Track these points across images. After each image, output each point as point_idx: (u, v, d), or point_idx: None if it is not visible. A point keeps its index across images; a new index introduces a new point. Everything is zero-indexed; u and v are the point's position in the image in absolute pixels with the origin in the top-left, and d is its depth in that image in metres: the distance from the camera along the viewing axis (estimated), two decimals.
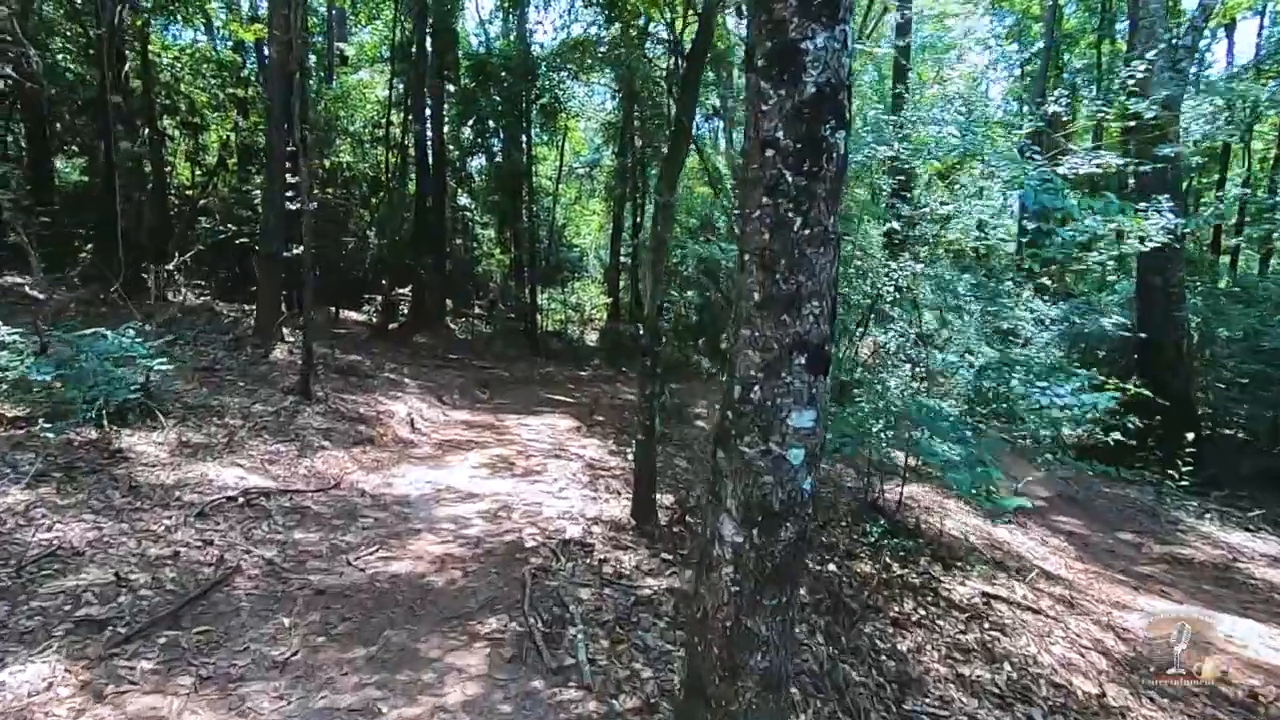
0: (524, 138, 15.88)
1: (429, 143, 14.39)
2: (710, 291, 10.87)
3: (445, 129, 14.99)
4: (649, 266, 4.18)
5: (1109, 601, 4.64)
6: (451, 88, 14.91)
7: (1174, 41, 9.06)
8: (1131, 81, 4.28)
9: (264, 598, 2.93)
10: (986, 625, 3.82)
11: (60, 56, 11.71)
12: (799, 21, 1.57)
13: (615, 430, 7.83)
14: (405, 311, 14.52)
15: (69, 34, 11.38)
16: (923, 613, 3.83)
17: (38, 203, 11.90)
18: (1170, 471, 6.13)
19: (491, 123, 15.88)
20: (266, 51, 9.57)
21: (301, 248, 6.42)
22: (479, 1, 21.44)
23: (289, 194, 7.01)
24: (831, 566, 4.17)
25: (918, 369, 4.09)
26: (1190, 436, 6.12)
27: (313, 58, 15.55)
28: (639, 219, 18.39)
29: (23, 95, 10.79)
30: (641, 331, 5.33)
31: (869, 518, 5.05)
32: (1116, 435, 3.56)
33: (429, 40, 14.17)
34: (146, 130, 12.23)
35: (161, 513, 3.44)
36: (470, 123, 15.61)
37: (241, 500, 3.82)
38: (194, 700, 2.20)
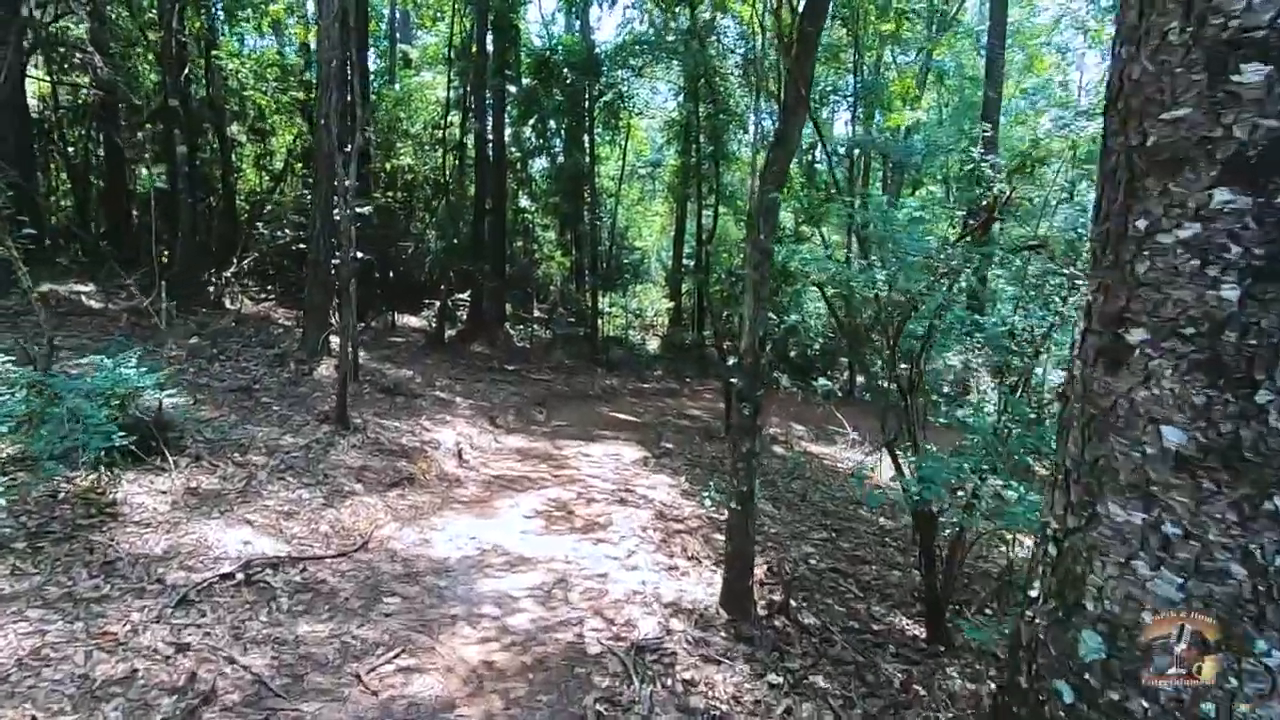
0: (586, 137, 15.19)
1: (489, 144, 13.87)
2: (792, 304, 9.76)
3: (506, 130, 14.44)
4: (749, 285, 3.20)
5: None
6: (512, 88, 14.33)
7: None
8: None
9: None
10: None
11: (142, 66, 11.78)
12: None
13: (687, 463, 6.87)
14: (464, 317, 14.05)
15: (146, 42, 11.38)
16: None
17: (112, 210, 12.08)
18: None
19: (553, 122, 15.26)
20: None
21: (357, 254, 5.79)
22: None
23: (337, 198, 6.44)
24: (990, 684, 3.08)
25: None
26: None
27: (374, 60, 15.35)
28: (702, 220, 17.41)
29: (99, 103, 10.84)
30: (733, 363, 4.36)
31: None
32: None
33: (490, 38, 13.63)
34: (216, 137, 12.19)
35: (133, 602, 2.73)
36: (531, 123, 15.02)
37: (240, 578, 3.09)
38: None
